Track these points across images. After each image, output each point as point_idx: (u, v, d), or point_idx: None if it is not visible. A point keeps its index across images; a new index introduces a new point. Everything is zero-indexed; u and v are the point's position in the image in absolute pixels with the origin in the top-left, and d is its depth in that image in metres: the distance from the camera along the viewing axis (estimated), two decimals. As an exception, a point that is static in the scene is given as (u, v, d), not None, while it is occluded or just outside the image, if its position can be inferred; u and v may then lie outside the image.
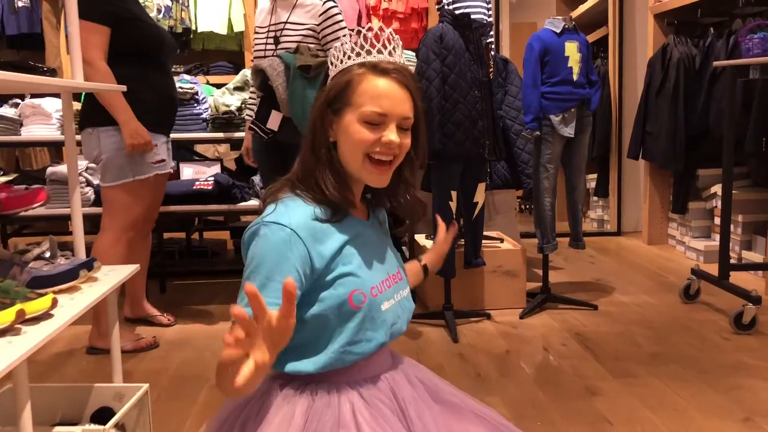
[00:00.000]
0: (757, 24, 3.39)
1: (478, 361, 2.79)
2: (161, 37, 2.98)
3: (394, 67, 1.21)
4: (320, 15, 3.02)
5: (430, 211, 3.08)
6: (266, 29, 3.08)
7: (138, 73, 2.83)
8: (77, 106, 3.74)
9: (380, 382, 1.26)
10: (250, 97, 3.26)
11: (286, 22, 3.03)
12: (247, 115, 3.30)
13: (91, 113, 2.83)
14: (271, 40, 3.05)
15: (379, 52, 1.21)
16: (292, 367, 1.21)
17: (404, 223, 1.38)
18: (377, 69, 1.20)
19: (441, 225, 1.59)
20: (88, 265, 1.70)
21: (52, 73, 4.56)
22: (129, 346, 2.97)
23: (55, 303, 1.46)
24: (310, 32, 3.02)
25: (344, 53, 1.22)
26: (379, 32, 1.22)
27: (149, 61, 2.90)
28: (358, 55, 1.21)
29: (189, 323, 3.35)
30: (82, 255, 1.91)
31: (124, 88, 2.15)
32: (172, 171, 3.07)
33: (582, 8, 5.87)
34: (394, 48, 1.23)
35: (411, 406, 1.24)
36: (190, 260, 4.39)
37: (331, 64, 1.24)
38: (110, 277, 1.80)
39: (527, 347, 2.98)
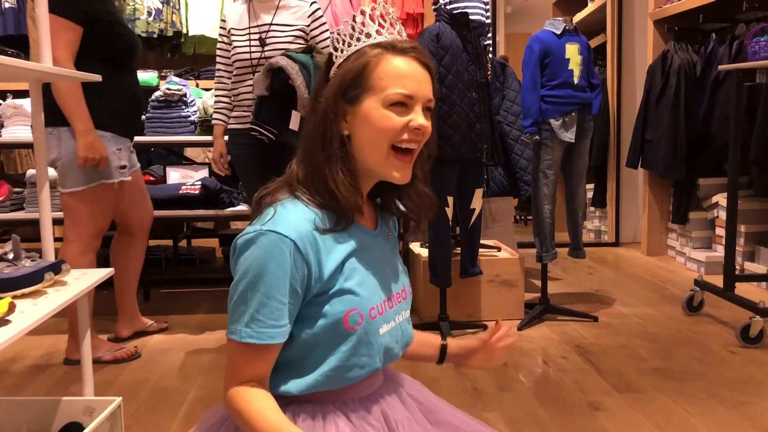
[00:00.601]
0: (761, 28, 3.29)
1: (475, 375, 2.66)
2: (135, 42, 2.87)
3: (411, 46, 1.08)
4: (309, 17, 2.96)
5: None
6: (246, 31, 2.96)
7: (110, 76, 2.65)
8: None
9: (370, 404, 1.13)
10: (218, 100, 3.09)
11: (271, 24, 2.93)
12: (216, 118, 3.10)
13: (54, 111, 2.59)
14: (255, 42, 2.93)
15: (389, 32, 1.09)
16: (273, 387, 1.09)
17: (410, 226, 1.23)
18: (396, 49, 1.07)
19: (497, 325, 1.32)
20: (55, 268, 1.57)
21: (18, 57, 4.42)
22: (108, 356, 2.83)
23: (12, 308, 1.33)
24: (301, 33, 2.94)
25: (351, 36, 1.08)
26: (384, 12, 1.09)
27: (121, 65, 2.77)
28: (368, 36, 1.08)
29: (173, 333, 3.22)
30: (50, 258, 1.78)
31: (97, 78, 1.99)
32: (130, 178, 2.84)
33: (579, 16, 5.79)
34: (400, 30, 1.11)
35: (404, 429, 1.11)
36: (176, 268, 4.25)
37: (335, 50, 1.10)
38: (80, 281, 1.67)
39: (526, 360, 2.85)
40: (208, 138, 3.48)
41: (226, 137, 3.07)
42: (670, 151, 4.48)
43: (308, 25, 2.95)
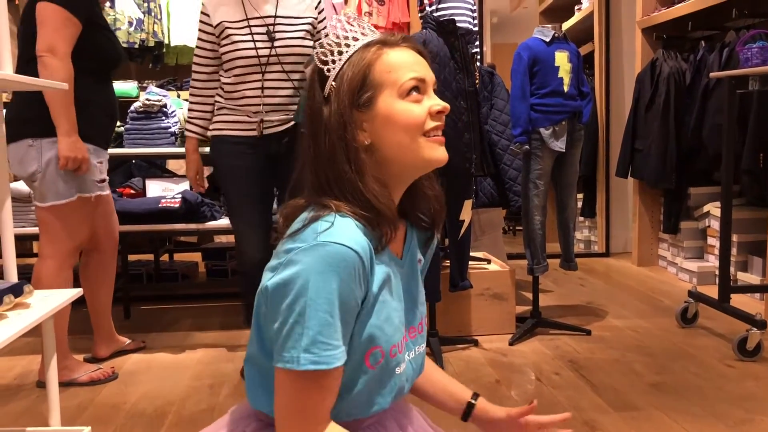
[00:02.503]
0: (753, 34, 3.24)
1: (465, 393, 2.56)
2: (121, 53, 2.77)
3: (401, 37, 1.05)
4: (316, 8, 2.70)
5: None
6: (245, 24, 2.59)
7: (91, 85, 2.59)
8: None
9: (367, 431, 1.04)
10: (193, 108, 2.74)
11: (276, 16, 2.63)
12: (190, 130, 2.74)
13: (35, 120, 2.47)
14: (261, 37, 2.60)
15: (371, 31, 1.06)
16: (265, 406, 1.01)
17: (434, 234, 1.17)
18: (389, 42, 1.03)
19: (531, 405, 1.21)
20: (16, 290, 1.46)
21: None
22: (85, 378, 2.71)
23: (-37, 335, 1.22)
24: (310, 28, 2.67)
25: (338, 45, 1.03)
26: (354, 17, 1.06)
27: (102, 74, 2.67)
28: (355, 39, 1.03)
29: (152, 352, 3.10)
30: (13, 278, 1.67)
31: (64, 86, 1.88)
32: (108, 192, 2.77)
33: (566, 25, 5.74)
34: (371, 28, 1.07)
35: None
36: (158, 284, 4.13)
37: (324, 64, 1.03)
38: (45, 303, 1.56)
39: (518, 377, 2.76)
40: (189, 150, 3.37)
41: (206, 149, 2.79)
42: (660, 160, 4.43)
43: (316, 18, 2.68)
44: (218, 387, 2.66)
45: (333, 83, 1.02)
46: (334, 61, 1.03)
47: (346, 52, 1.03)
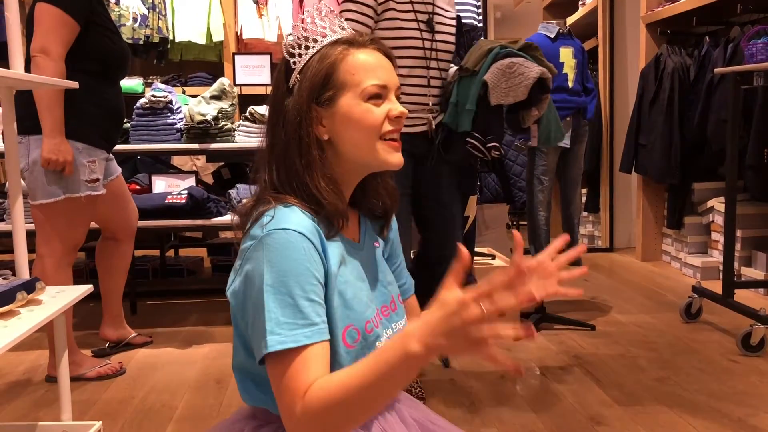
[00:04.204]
0: (758, 30, 3.24)
1: (471, 388, 2.59)
2: (126, 54, 2.75)
3: (369, 39, 1.07)
4: (455, 3, 2.49)
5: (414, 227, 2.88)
6: (410, 8, 2.29)
7: (90, 84, 2.55)
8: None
9: (370, 422, 1.05)
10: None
11: (434, 5, 2.38)
12: None
13: (24, 117, 2.44)
14: (423, 26, 2.32)
15: (341, 28, 1.08)
16: (262, 401, 1.02)
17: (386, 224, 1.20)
18: (356, 43, 1.06)
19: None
20: (28, 287, 1.47)
21: None
22: (92, 373, 2.73)
23: (-21, 332, 1.24)
24: (455, 23, 2.48)
25: (306, 39, 1.06)
26: (328, 11, 1.08)
27: (105, 75, 2.65)
28: (323, 36, 1.06)
29: (160, 347, 3.12)
30: (24, 275, 1.69)
31: (74, 84, 1.89)
32: (104, 192, 2.70)
33: (570, 20, 5.73)
34: (341, 24, 1.09)
35: None
36: (163, 279, 4.15)
37: (291, 56, 1.06)
38: (57, 299, 1.58)
39: (523, 372, 2.77)
40: (195, 146, 3.39)
41: None
42: (665, 156, 4.43)
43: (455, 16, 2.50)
44: (225, 382, 2.68)
45: (297, 76, 1.05)
46: (300, 54, 1.05)
47: (313, 47, 1.05)
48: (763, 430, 2.18)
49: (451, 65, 2.52)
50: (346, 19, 2.21)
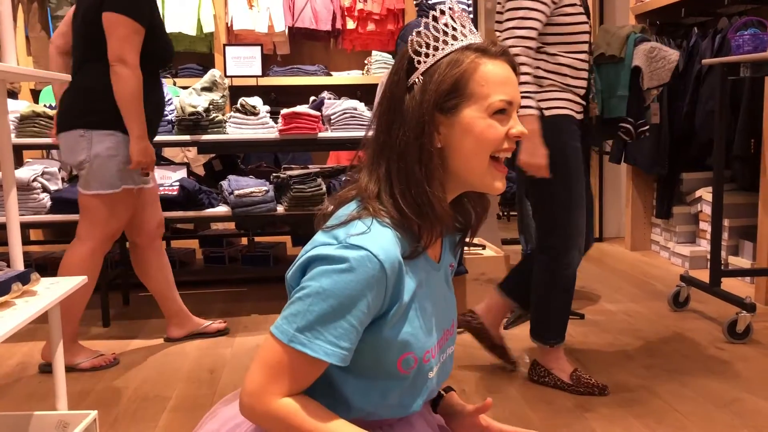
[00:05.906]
0: (745, 21, 3.27)
1: (462, 377, 2.62)
2: (171, 48, 2.84)
3: (502, 49, 1.02)
4: None
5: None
6: None
7: (147, 85, 2.65)
8: (37, 107, 3.52)
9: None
10: (526, 80, 2.21)
11: None
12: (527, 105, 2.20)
13: (86, 113, 2.60)
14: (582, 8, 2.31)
15: (471, 32, 1.02)
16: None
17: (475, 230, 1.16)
18: (489, 53, 1.00)
19: (487, 403, 1.15)
20: (23, 278, 1.49)
21: None
22: (86, 364, 2.75)
23: (-25, 323, 1.26)
24: None
25: (435, 39, 1.00)
26: (460, 12, 1.02)
27: (152, 73, 2.73)
28: (455, 39, 1.00)
29: (152, 339, 3.13)
30: (19, 266, 1.70)
31: (65, 77, 1.91)
32: (152, 185, 2.92)
33: (561, 10, 5.76)
34: (472, 28, 1.04)
35: None
36: (156, 270, 4.15)
37: (417, 54, 1.00)
38: (51, 290, 1.59)
39: (513, 360, 2.81)
40: (186, 138, 3.39)
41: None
42: (654, 146, 4.47)
43: None
44: (218, 372, 2.70)
45: (420, 77, 1.00)
46: (427, 55, 1.00)
47: (442, 49, 1.00)
48: (748, 415, 2.22)
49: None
50: (525, 8, 2.18)
